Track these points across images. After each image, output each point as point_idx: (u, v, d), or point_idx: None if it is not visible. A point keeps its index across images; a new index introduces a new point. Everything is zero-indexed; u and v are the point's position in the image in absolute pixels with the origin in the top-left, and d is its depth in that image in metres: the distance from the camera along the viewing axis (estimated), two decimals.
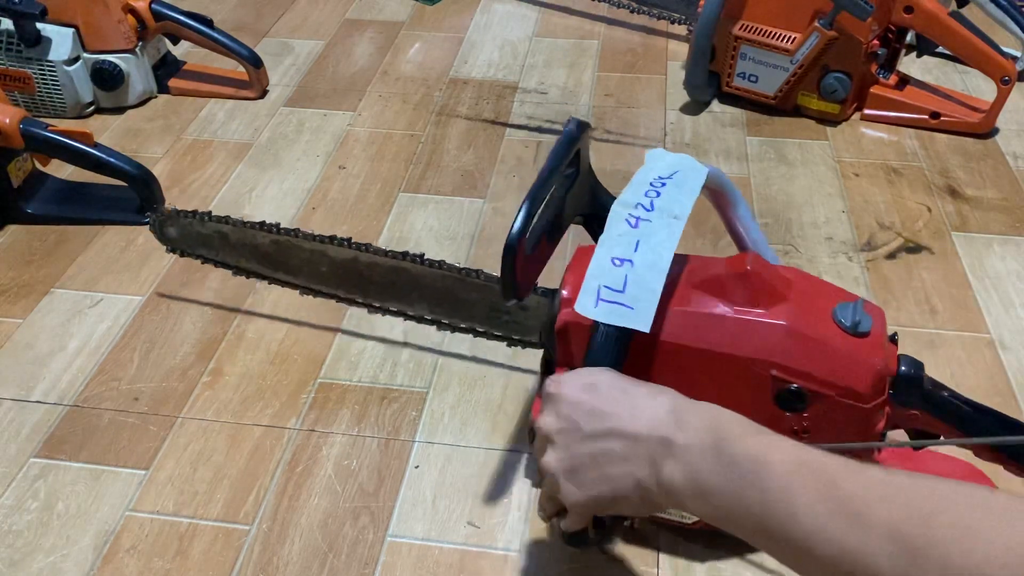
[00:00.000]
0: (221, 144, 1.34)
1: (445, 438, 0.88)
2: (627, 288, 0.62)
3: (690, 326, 0.66)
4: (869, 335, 0.65)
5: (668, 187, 0.68)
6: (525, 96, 1.46)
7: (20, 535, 0.79)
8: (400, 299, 0.90)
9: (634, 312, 0.62)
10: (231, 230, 0.94)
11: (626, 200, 0.67)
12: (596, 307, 0.62)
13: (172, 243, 0.99)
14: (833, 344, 0.64)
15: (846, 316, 0.65)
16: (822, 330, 0.65)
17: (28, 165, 1.17)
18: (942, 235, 1.15)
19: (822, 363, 0.64)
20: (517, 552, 0.77)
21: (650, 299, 0.62)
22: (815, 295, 0.68)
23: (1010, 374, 0.94)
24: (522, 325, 0.85)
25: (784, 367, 0.64)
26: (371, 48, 1.62)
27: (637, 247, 0.64)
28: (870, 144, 1.34)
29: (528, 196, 0.66)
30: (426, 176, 1.27)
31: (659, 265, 0.63)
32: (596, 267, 0.64)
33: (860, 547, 0.42)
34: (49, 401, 0.92)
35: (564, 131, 0.69)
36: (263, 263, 0.94)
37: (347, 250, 0.89)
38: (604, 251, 0.64)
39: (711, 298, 0.66)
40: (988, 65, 1.30)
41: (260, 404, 0.92)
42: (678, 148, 1.33)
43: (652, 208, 0.66)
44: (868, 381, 0.64)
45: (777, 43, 1.34)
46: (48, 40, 1.32)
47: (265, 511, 0.81)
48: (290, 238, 0.91)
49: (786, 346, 0.64)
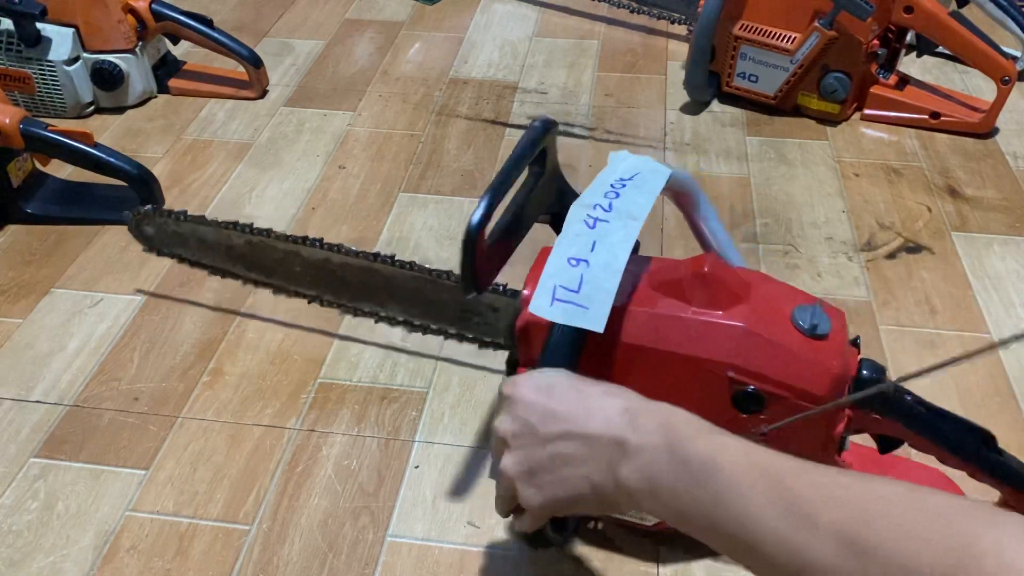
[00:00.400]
0: (221, 144, 1.34)
1: (445, 438, 0.88)
2: (582, 288, 0.62)
3: (649, 327, 0.66)
4: (827, 338, 0.65)
5: (628, 188, 0.68)
6: (525, 96, 1.46)
7: (20, 535, 0.79)
8: (372, 300, 0.90)
9: (588, 312, 0.61)
10: (208, 231, 0.94)
11: (585, 201, 0.67)
12: (551, 306, 0.62)
13: (149, 242, 0.99)
14: (790, 346, 0.64)
15: (804, 319, 0.65)
16: (780, 332, 0.65)
17: (28, 165, 1.17)
18: (942, 235, 1.15)
19: (779, 365, 0.64)
20: (517, 552, 0.77)
21: (604, 299, 0.62)
22: (774, 297, 0.68)
23: (1010, 374, 0.94)
24: (493, 327, 0.86)
25: (741, 369, 0.64)
26: (371, 48, 1.62)
27: (593, 247, 0.64)
28: (870, 144, 1.34)
29: (488, 189, 0.66)
30: (426, 176, 1.27)
31: (614, 265, 0.63)
32: (552, 267, 0.63)
33: (807, 547, 0.43)
34: (49, 401, 0.92)
35: (529, 128, 0.70)
36: (239, 264, 0.95)
37: (319, 250, 0.89)
38: (561, 251, 0.64)
39: (670, 299, 0.66)
40: (988, 65, 1.30)
41: (260, 404, 0.92)
42: (678, 148, 1.33)
43: (610, 209, 0.66)
44: (825, 384, 0.64)
45: (777, 43, 1.34)
46: (48, 40, 1.32)
47: (265, 511, 0.81)
48: (263, 239, 0.91)
49: (743, 348, 0.64)
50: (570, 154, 1.28)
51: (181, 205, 1.20)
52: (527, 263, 0.71)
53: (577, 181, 0.76)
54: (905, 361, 0.96)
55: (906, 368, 0.95)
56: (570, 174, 0.75)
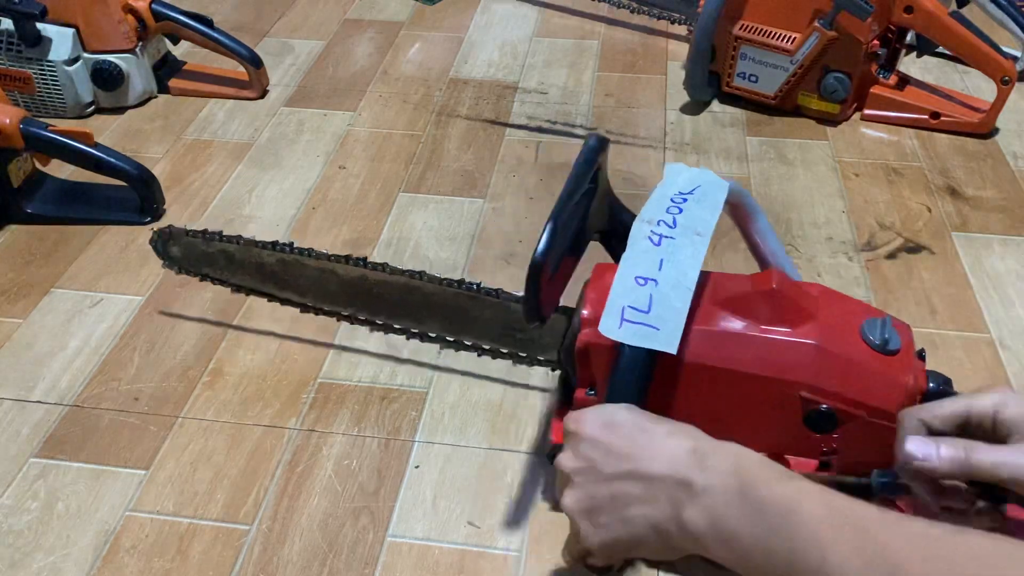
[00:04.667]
0: (221, 144, 1.34)
1: (445, 438, 0.88)
2: (652, 308, 0.60)
3: (716, 346, 0.64)
4: (898, 352, 0.64)
5: (690, 203, 0.66)
6: (525, 96, 1.46)
7: (20, 535, 0.79)
8: (409, 317, 0.89)
9: (660, 333, 0.60)
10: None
11: (648, 217, 0.65)
12: (620, 328, 0.60)
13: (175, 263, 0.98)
14: (863, 363, 0.63)
15: (875, 333, 0.64)
16: (851, 348, 0.64)
17: (28, 165, 1.17)
18: (942, 235, 1.15)
19: (852, 383, 0.63)
20: (517, 552, 0.77)
21: (676, 319, 0.60)
22: (842, 312, 0.66)
23: (1010, 374, 0.94)
24: (536, 343, 0.84)
25: (814, 387, 0.63)
26: (371, 48, 1.62)
27: (661, 266, 0.62)
28: (870, 144, 1.34)
29: (552, 216, 0.64)
30: (426, 176, 1.27)
31: (684, 284, 0.61)
32: (619, 286, 0.62)
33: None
34: (49, 401, 0.92)
35: (584, 146, 0.68)
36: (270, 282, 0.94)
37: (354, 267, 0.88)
38: (627, 270, 0.63)
39: (737, 317, 0.65)
40: (988, 65, 1.30)
41: (260, 404, 0.92)
42: (678, 148, 1.33)
43: (675, 225, 0.65)
44: (899, 400, 0.63)
45: (777, 43, 1.34)
46: (48, 40, 1.32)
47: (265, 511, 0.81)
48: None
49: (816, 366, 0.63)
50: (570, 154, 1.28)
51: (181, 205, 1.20)
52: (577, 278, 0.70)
53: None
54: None
55: None
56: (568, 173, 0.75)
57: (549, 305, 0.67)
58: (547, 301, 0.66)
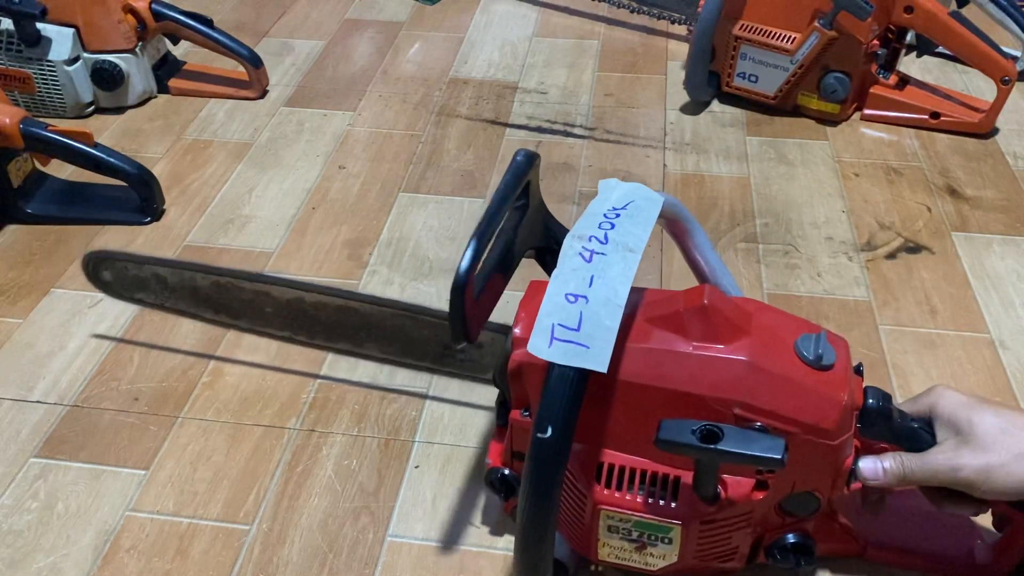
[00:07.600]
0: (221, 144, 1.34)
1: (445, 438, 0.88)
2: (582, 326, 0.59)
3: (648, 364, 0.63)
4: (833, 368, 0.63)
5: (622, 219, 0.64)
6: (525, 96, 1.46)
7: (20, 535, 0.79)
8: (348, 340, 0.89)
9: (590, 351, 0.58)
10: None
11: (579, 233, 0.64)
12: (550, 347, 0.58)
13: None
14: (797, 379, 0.62)
15: (808, 349, 0.63)
16: (784, 365, 0.62)
17: (28, 165, 1.17)
18: (942, 235, 1.15)
19: (787, 400, 0.61)
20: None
21: (606, 337, 0.58)
22: (776, 328, 0.65)
23: (1010, 374, 0.94)
24: (477, 363, 0.84)
25: (747, 405, 0.61)
26: (371, 48, 1.62)
27: (592, 282, 0.60)
28: (870, 144, 1.34)
29: (475, 232, 0.62)
30: (426, 176, 1.27)
31: (615, 301, 0.59)
32: (549, 304, 0.60)
33: None
34: (49, 401, 0.92)
35: (512, 162, 0.66)
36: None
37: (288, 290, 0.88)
38: (557, 287, 0.61)
39: (669, 333, 0.63)
40: (988, 65, 1.30)
41: (260, 404, 0.92)
42: (678, 148, 1.33)
43: (606, 241, 0.63)
44: (835, 416, 0.62)
45: (777, 43, 1.34)
46: (48, 40, 1.32)
47: (265, 511, 0.81)
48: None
49: (749, 383, 0.61)
50: (570, 154, 1.28)
51: (181, 205, 1.20)
52: (513, 296, 0.69)
53: (575, 181, 0.76)
54: (905, 361, 0.96)
55: (906, 368, 0.95)
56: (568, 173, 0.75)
57: (476, 324, 0.65)
58: (474, 319, 0.64)
